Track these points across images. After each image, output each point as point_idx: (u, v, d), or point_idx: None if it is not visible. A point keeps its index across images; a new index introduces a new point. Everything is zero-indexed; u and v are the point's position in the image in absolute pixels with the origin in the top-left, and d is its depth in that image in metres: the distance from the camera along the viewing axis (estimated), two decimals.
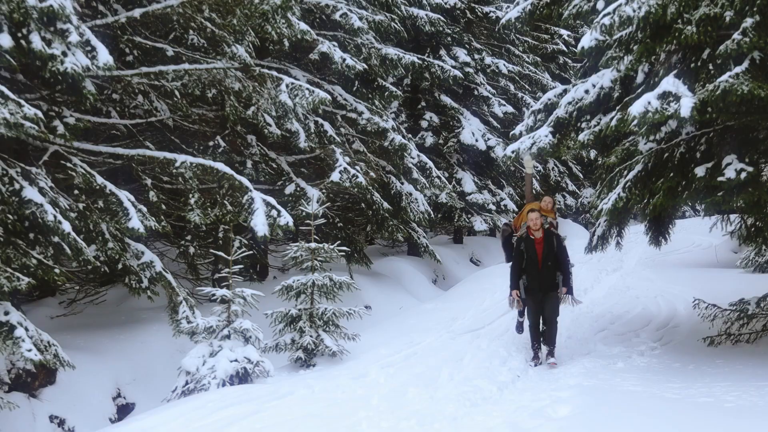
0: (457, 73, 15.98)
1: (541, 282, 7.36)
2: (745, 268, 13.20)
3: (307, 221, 8.14)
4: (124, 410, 7.77)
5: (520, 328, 8.22)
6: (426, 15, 16.01)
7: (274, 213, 8.29)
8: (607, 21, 6.42)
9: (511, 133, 9.06)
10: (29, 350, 6.14)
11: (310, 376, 6.89)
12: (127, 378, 8.03)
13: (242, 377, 6.61)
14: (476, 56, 18.29)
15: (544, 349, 7.51)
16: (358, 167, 11.46)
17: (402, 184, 13.73)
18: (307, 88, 9.43)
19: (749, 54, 5.69)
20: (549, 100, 8.58)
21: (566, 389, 6.15)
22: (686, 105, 5.56)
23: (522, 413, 5.54)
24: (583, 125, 7.59)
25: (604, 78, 7.57)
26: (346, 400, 5.94)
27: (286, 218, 8.30)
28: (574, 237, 19.55)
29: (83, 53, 6.59)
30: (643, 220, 8.98)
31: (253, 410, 5.46)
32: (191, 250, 10.41)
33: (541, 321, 7.49)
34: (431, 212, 14.39)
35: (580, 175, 24.89)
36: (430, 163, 14.32)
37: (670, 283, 11.76)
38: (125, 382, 7.97)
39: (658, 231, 8.75)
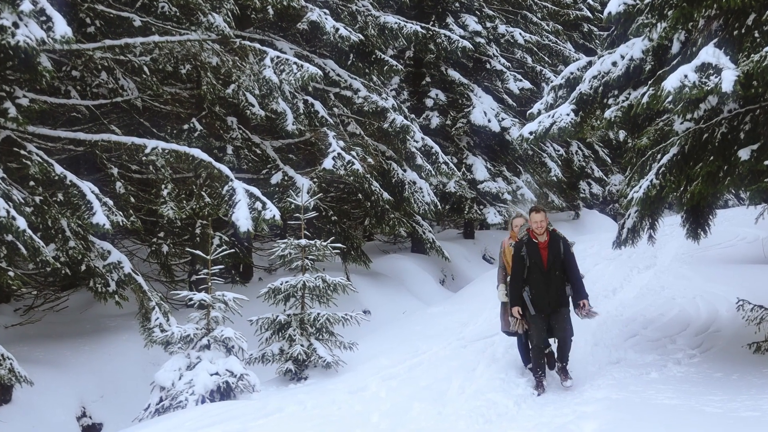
0: (467, 43, 15.91)
1: (548, 294, 6.96)
2: None
3: (297, 215, 8.14)
4: (90, 431, 7.81)
5: (526, 356, 7.41)
6: None
7: (258, 205, 8.29)
8: None
9: (529, 111, 9.06)
10: None
11: (302, 390, 6.92)
12: (94, 395, 8.06)
13: (224, 392, 6.63)
14: (488, 24, 18.23)
15: (554, 373, 7.17)
16: (353, 152, 11.45)
17: (404, 171, 13.73)
18: (295, 63, 9.41)
19: None
20: (571, 74, 8.58)
21: (592, 403, 6.18)
22: (728, 78, 5.54)
23: (542, 431, 5.57)
24: (610, 101, 7.58)
25: (635, 48, 7.55)
26: (342, 417, 5.97)
27: (272, 211, 8.31)
28: (601, 230, 19.58)
29: (37, 24, 6.57)
30: (680, 211, 8.98)
31: (237, 429, 5.49)
32: (165, 248, 10.43)
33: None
34: (438, 203, 14.39)
35: (608, 160, 24.87)
36: (437, 148, 14.31)
37: (711, 281, 11.76)
38: (91, 399, 8.01)
39: (697, 222, 8.76)
